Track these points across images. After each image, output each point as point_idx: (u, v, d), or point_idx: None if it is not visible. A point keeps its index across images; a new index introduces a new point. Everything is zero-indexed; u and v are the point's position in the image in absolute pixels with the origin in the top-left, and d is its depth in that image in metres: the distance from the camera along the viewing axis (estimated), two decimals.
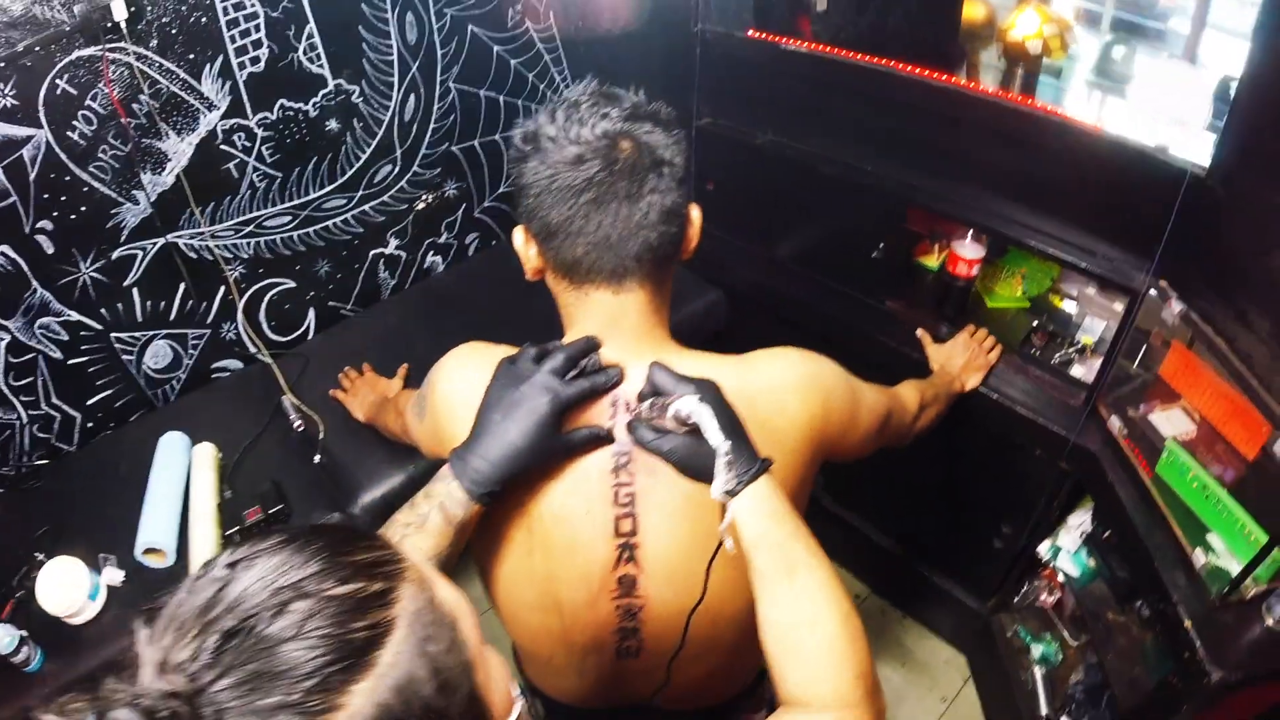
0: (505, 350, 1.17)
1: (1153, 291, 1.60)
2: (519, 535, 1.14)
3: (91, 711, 0.51)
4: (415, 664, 0.58)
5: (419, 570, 0.65)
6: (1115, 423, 1.73)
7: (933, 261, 2.23)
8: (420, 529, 1.05)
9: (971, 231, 1.94)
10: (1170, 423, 1.68)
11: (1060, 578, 2.01)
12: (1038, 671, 2.10)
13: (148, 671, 0.55)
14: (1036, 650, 2.14)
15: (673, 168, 1.06)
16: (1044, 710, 2.04)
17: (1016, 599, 2.23)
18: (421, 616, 0.61)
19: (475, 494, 1.04)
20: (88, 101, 1.70)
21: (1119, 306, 1.89)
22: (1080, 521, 1.94)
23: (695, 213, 1.14)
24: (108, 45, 1.67)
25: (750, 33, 2.09)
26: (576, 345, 1.08)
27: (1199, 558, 1.49)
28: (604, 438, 1.08)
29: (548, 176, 1.03)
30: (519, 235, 1.13)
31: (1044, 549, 1.99)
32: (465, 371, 1.17)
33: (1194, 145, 1.49)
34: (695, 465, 1.01)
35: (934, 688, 2.39)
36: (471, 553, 1.25)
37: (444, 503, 1.05)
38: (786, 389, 1.13)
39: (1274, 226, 1.33)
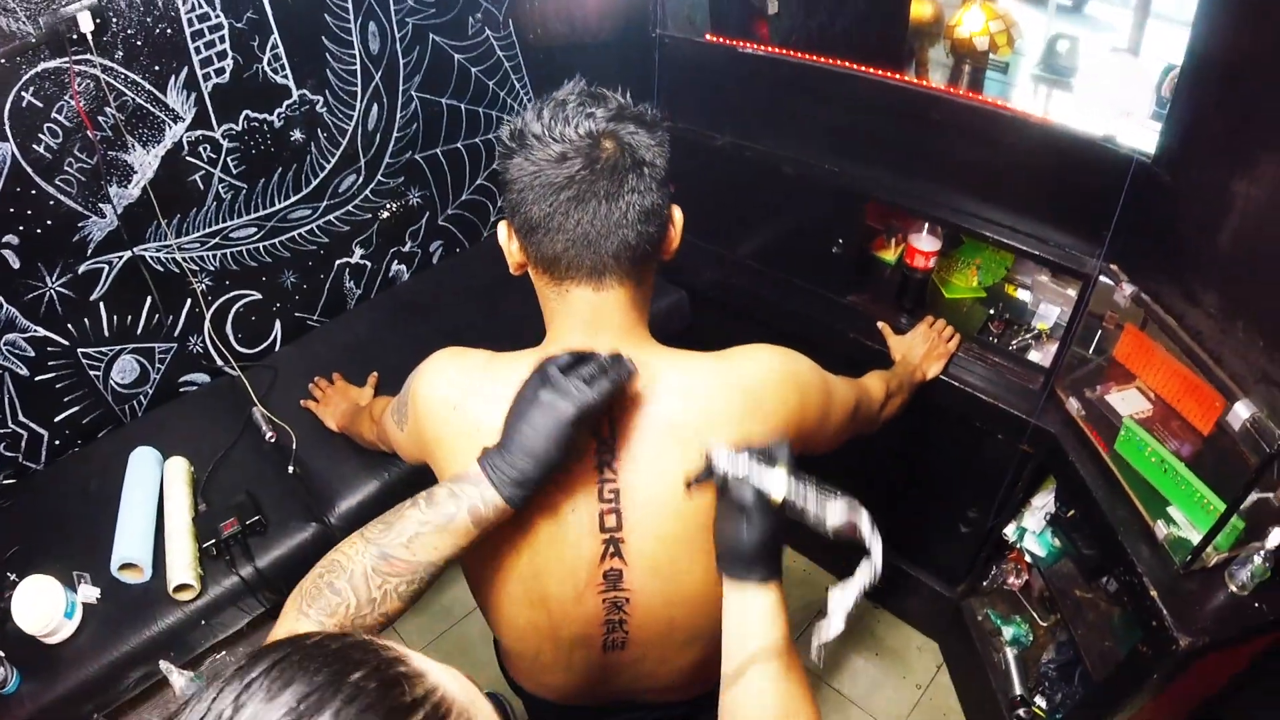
0: (481, 353, 1.19)
1: (1104, 275, 1.65)
2: (506, 532, 1.15)
3: None
4: None
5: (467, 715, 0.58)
6: (1073, 404, 1.78)
7: (891, 255, 2.28)
8: (442, 529, 1.03)
9: (927, 224, 1.99)
10: (1127, 402, 1.74)
11: (1027, 559, 2.06)
12: (1010, 653, 2.15)
13: None
14: (1008, 632, 2.18)
15: (653, 168, 1.08)
16: (1018, 690, 2.08)
17: (985, 583, 2.28)
18: None
19: (514, 496, 1.03)
20: (53, 114, 1.70)
21: (1072, 292, 1.95)
22: (1044, 503, 1.99)
23: (677, 214, 1.17)
24: (74, 57, 1.67)
25: (708, 37, 2.13)
26: (605, 358, 1.07)
27: (1161, 529, 1.54)
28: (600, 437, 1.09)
29: (531, 173, 1.05)
30: (503, 230, 1.15)
31: (1010, 531, 2.04)
32: (445, 375, 1.18)
33: (1140, 133, 1.54)
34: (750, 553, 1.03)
35: (909, 675, 2.43)
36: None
37: (475, 505, 1.03)
38: (765, 385, 1.15)
39: (1217, 207, 1.38)
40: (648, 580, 1.16)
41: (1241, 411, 1.35)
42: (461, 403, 1.15)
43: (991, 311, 2.10)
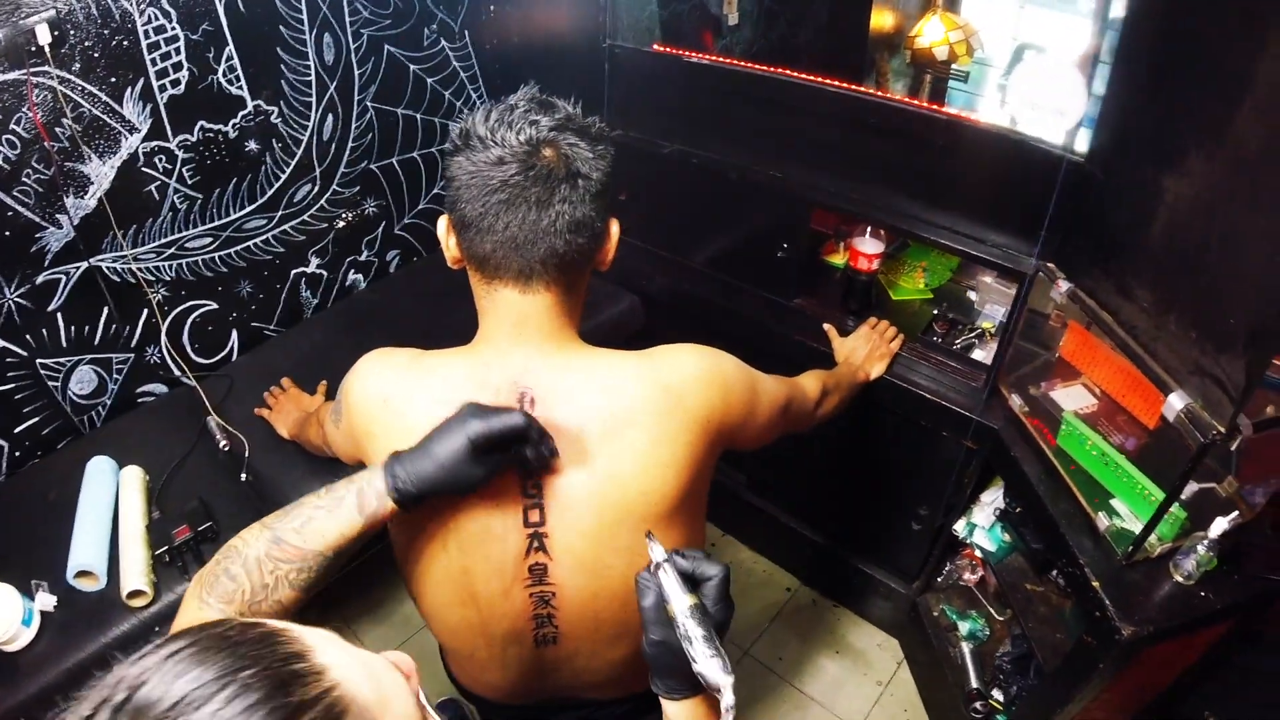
0: (408, 351, 1.22)
1: (1041, 274, 1.68)
2: (434, 532, 1.18)
3: None
4: None
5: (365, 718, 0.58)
6: (1016, 400, 1.82)
7: (839, 259, 2.32)
8: (331, 516, 1.07)
9: (870, 228, 2.02)
10: (1071, 398, 1.77)
11: (979, 554, 2.08)
12: (966, 648, 2.17)
13: None
14: (964, 627, 2.21)
15: (588, 181, 1.11)
16: (974, 684, 2.09)
17: (940, 579, 2.31)
18: None
19: (404, 501, 1.06)
20: (11, 125, 1.71)
21: (1015, 291, 1.98)
22: (993, 499, 2.02)
23: (614, 227, 1.20)
24: (31, 69, 1.68)
25: (656, 47, 2.17)
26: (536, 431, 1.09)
27: (1103, 521, 1.57)
28: (511, 459, 1.09)
29: (469, 172, 1.08)
30: (442, 224, 1.19)
31: (960, 527, 2.06)
32: (374, 372, 1.22)
33: (1072, 133, 1.58)
34: (663, 664, 0.99)
35: (869, 672, 2.44)
36: (394, 557, 1.29)
37: (363, 489, 1.07)
38: (686, 381, 1.18)
39: (1147, 203, 1.41)
40: (573, 575, 1.18)
41: (1176, 403, 1.37)
42: (391, 397, 1.18)
43: (935, 312, 2.14)
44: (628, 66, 2.18)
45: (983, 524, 2.03)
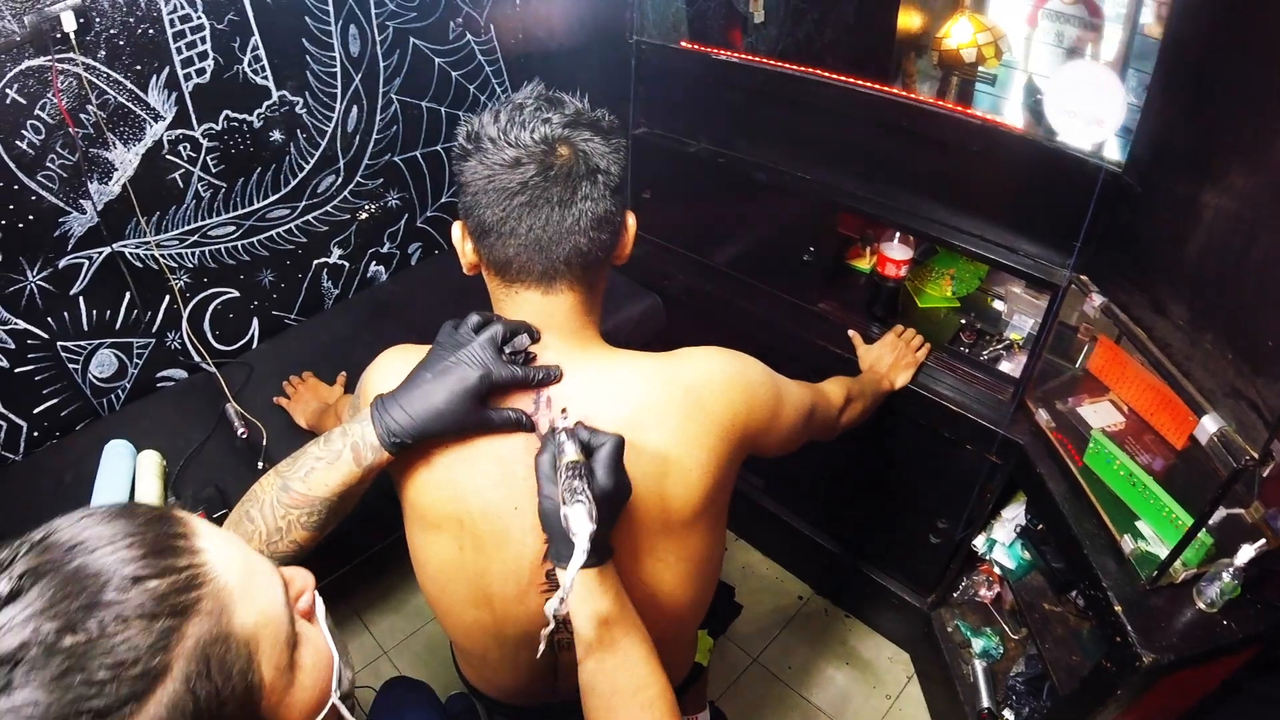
0: (426, 348, 1.20)
1: (1074, 286, 1.65)
2: (450, 531, 1.16)
3: None
4: (180, 713, 0.61)
5: (218, 595, 0.67)
6: (1043, 416, 1.78)
7: (864, 264, 2.28)
8: (331, 464, 1.10)
9: (898, 233, 1.99)
10: (1099, 415, 1.73)
11: (997, 571, 2.05)
12: (979, 665, 2.13)
13: None
14: (978, 644, 2.17)
15: (608, 176, 1.09)
16: (985, 703, 2.06)
17: (956, 594, 2.27)
18: (202, 656, 0.63)
19: (387, 442, 1.07)
20: (36, 111, 1.72)
21: (1045, 303, 1.94)
22: (1014, 515, 1.99)
23: (630, 220, 1.18)
24: (57, 55, 1.69)
25: (684, 44, 2.14)
26: (517, 324, 1.11)
27: (1128, 544, 1.53)
28: (525, 424, 1.10)
29: (485, 177, 1.06)
30: (457, 230, 1.17)
31: (979, 543, 2.03)
32: (393, 368, 1.20)
33: (1110, 143, 1.54)
34: (553, 526, 1.02)
35: (879, 685, 2.41)
36: (408, 552, 1.27)
37: (357, 443, 1.09)
38: (709, 384, 1.16)
39: (1186, 218, 1.37)
40: None
41: (1209, 425, 1.34)
42: None
43: (964, 321, 2.10)
44: (655, 63, 2.16)
45: (1003, 540, 1.99)
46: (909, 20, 2.59)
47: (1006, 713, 2.04)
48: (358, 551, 2.45)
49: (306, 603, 0.80)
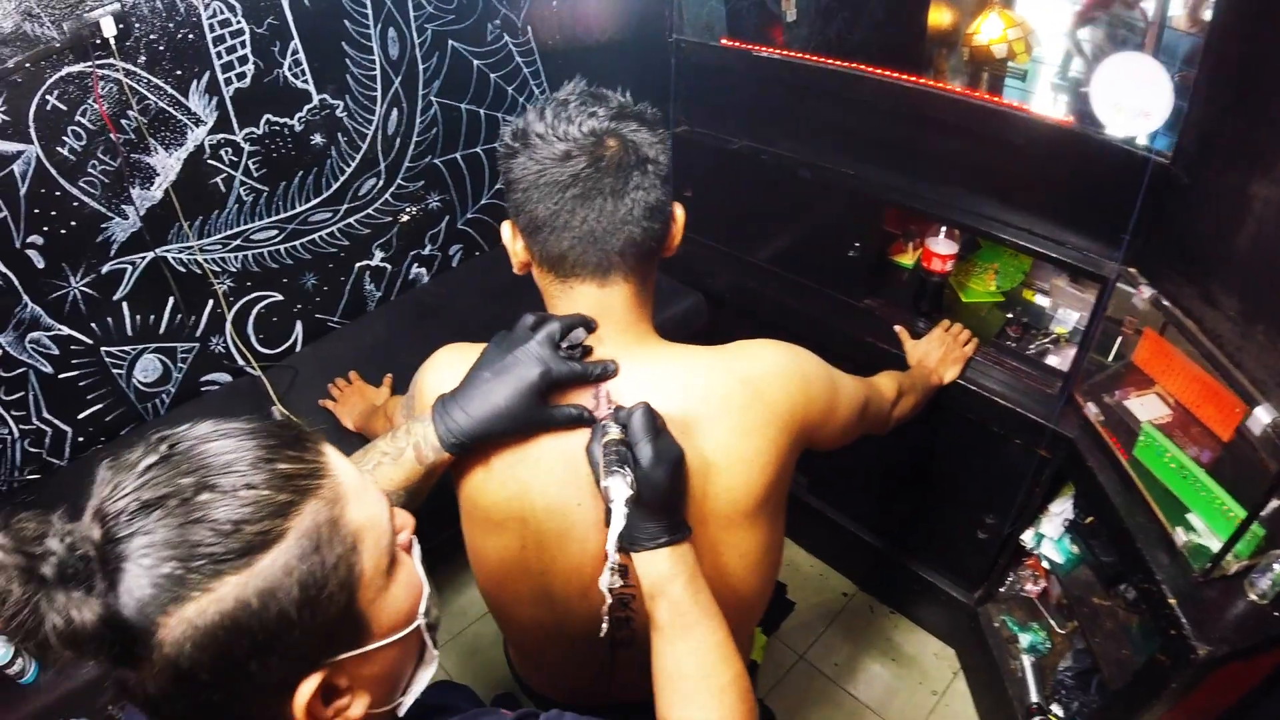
0: (480, 347, 1.20)
1: (1122, 279, 1.64)
2: (513, 529, 1.16)
3: (29, 535, 0.65)
4: (288, 577, 0.67)
5: (336, 488, 0.73)
6: (1092, 409, 1.77)
7: (908, 259, 2.28)
8: (395, 461, 1.11)
9: (944, 228, 1.98)
10: (1145, 408, 1.72)
11: (1045, 565, 2.04)
12: (1026, 660, 2.13)
13: (88, 514, 0.68)
14: (1025, 639, 2.16)
15: (657, 165, 1.09)
16: (1034, 698, 2.05)
17: (1003, 589, 2.26)
18: (315, 533, 0.70)
19: (448, 442, 1.08)
20: (77, 117, 1.72)
21: (1090, 296, 1.94)
22: (1062, 509, 1.97)
23: (679, 210, 1.18)
24: (97, 61, 1.69)
25: (724, 41, 2.14)
26: (572, 317, 1.11)
27: (1180, 536, 1.52)
28: (586, 420, 1.10)
29: (535, 172, 1.06)
30: (507, 229, 1.17)
31: (1028, 537, 2.02)
32: (449, 366, 1.20)
33: (1158, 135, 1.53)
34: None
35: (924, 681, 2.41)
36: (453, 551, 1.27)
37: (419, 443, 1.10)
38: (767, 377, 1.15)
39: (1236, 209, 1.37)
40: None
41: (1262, 416, 1.34)
42: None
43: (1009, 316, 2.09)
44: (695, 61, 2.16)
45: (1051, 535, 1.98)
46: (939, 17, 2.59)
47: (1055, 707, 2.03)
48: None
49: (405, 538, 0.86)
